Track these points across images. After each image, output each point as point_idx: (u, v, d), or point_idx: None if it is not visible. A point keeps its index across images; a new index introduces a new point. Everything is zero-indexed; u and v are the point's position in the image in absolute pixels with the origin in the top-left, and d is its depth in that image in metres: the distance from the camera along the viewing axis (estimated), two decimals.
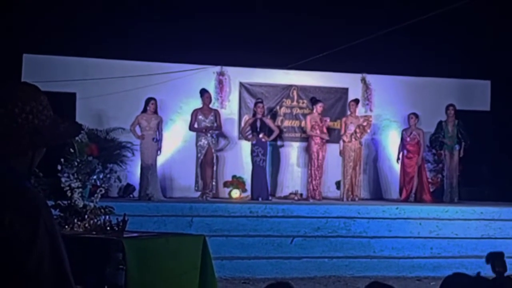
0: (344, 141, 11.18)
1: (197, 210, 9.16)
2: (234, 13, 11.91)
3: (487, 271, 2.91)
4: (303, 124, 11.75)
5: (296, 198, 11.12)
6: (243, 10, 11.93)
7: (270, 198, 10.87)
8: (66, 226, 4.37)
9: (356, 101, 11.54)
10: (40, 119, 1.73)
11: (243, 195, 11.26)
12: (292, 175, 11.83)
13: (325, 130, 11.18)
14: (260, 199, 10.56)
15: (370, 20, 11.59)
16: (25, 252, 1.60)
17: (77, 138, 8.77)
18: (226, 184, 11.50)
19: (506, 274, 2.88)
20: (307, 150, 11.18)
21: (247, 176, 11.29)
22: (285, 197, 11.48)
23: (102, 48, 11.14)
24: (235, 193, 11.27)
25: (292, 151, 12.00)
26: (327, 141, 11.25)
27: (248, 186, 11.23)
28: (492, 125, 12.44)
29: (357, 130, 11.23)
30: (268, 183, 11.11)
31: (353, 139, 11.17)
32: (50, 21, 11.08)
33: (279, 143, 11.99)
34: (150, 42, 11.33)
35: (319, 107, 11.12)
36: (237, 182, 11.45)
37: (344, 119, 11.39)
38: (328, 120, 11.35)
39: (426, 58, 12.11)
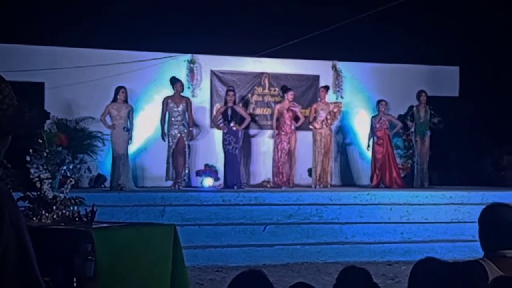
0: (315, 128, 11.20)
1: (169, 200, 9.12)
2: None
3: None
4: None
5: (268, 186, 11.14)
6: None
7: (243, 186, 10.87)
8: (34, 218, 4.31)
9: (326, 88, 11.56)
10: None
11: (216, 183, 11.24)
12: (264, 163, 11.84)
13: (296, 117, 11.17)
14: (235, 187, 10.56)
15: (341, 7, 11.62)
16: None
17: (46, 128, 8.66)
18: (198, 173, 11.46)
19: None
20: (276, 138, 11.16)
21: (219, 164, 11.27)
22: (258, 185, 11.49)
23: (70, 37, 10.97)
24: (208, 182, 11.24)
25: (264, 139, 12.00)
26: (298, 128, 11.25)
27: (220, 174, 11.21)
28: (460, 110, 12.61)
29: (328, 117, 11.26)
30: (241, 171, 11.11)
31: (324, 126, 11.21)
32: (16, 9, 10.87)
33: (252, 132, 11.95)
34: (119, 30, 11.19)
35: (290, 95, 11.13)
36: (209, 170, 11.41)
37: (314, 106, 11.41)
38: (298, 108, 11.29)
39: (395, 45, 12.20)
